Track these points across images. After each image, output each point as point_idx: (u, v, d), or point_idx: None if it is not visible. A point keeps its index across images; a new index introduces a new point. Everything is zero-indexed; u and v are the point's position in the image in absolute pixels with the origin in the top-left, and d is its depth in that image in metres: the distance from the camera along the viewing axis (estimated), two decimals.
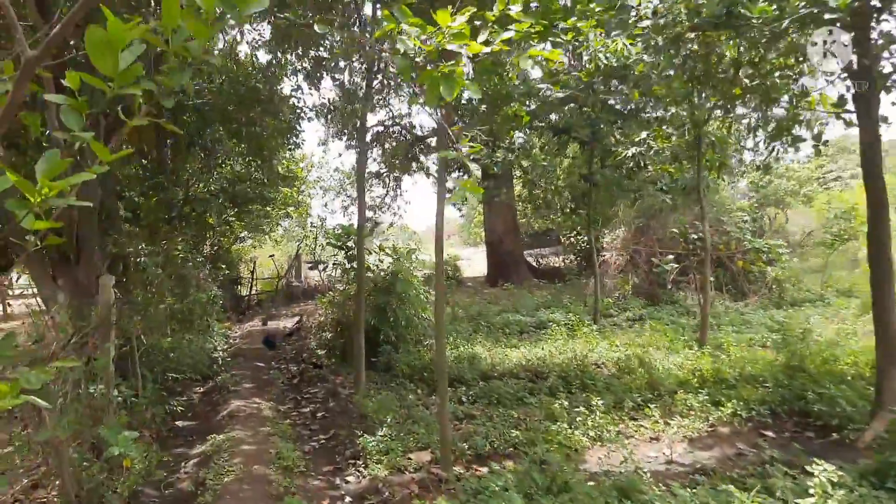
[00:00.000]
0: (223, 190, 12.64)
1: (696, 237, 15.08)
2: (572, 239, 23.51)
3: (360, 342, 7.97)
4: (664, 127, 10.49)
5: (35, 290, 7.47)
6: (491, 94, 7.78)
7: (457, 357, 9.43)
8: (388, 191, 27.14)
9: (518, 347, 10.56)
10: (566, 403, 6.91)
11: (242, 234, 19.90)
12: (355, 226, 9.84)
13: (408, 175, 25.60)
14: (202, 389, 8.99)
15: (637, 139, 10.98)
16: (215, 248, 15.83)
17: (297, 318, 15.32)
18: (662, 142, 10.65)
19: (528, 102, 10.04)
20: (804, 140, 7.39)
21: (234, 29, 11.98)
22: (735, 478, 4.90)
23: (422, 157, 23.14)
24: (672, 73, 8.51)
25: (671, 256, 15.09)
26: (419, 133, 21.55)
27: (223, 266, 15.10)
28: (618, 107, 12.50)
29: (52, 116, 6.54)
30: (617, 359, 9.10)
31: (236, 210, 14.40)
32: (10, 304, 10.84)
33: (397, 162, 18.89)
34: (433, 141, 21.42)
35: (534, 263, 25.12)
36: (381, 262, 10.92)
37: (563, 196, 22.72)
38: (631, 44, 6.10)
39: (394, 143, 21.41)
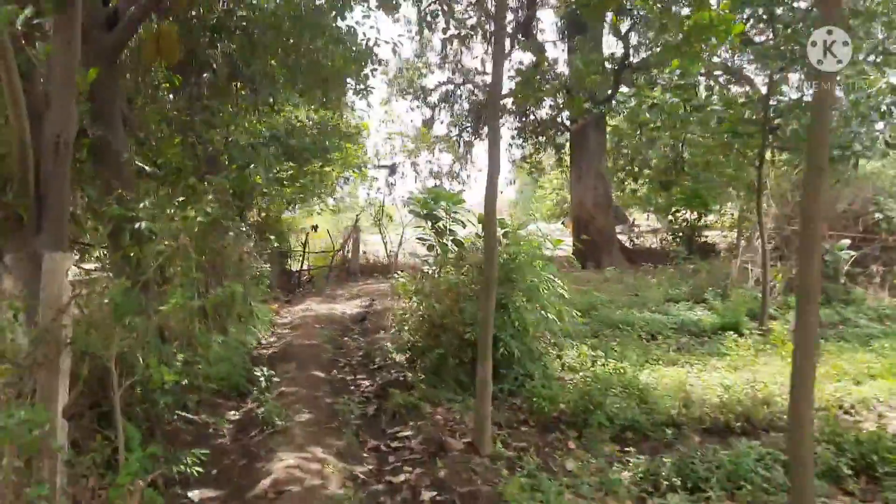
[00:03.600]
0: (274, 138, 9.72)
1: (880, 216, 11.51)
2: (673, 216, 20.18)
3: (487, 372, 4.87)
4: None
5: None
6: None
7: (605, 383, 6.32)
8: (456, 159, 24.28)
9: (680, 365, 7.38)
10: None
11: (293, 201, 17.25)
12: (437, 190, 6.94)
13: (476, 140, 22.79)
14: (237, 416, 6.16)
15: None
16: (263, 214, 13.06)
17: (363, 301, 12.55)
18: None
19: None
20: None
21: None
22: None
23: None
24: None
25: (846, 241, 11.51)
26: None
27: (272, 237, 12.34)
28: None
29: None
30: (867, 399, 5.86)
31: (291, 166, 11.53)
32: None
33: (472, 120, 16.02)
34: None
35: (626, 243, 21.68)
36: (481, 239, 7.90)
37: (651, 165, 19.43)
38: None
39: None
